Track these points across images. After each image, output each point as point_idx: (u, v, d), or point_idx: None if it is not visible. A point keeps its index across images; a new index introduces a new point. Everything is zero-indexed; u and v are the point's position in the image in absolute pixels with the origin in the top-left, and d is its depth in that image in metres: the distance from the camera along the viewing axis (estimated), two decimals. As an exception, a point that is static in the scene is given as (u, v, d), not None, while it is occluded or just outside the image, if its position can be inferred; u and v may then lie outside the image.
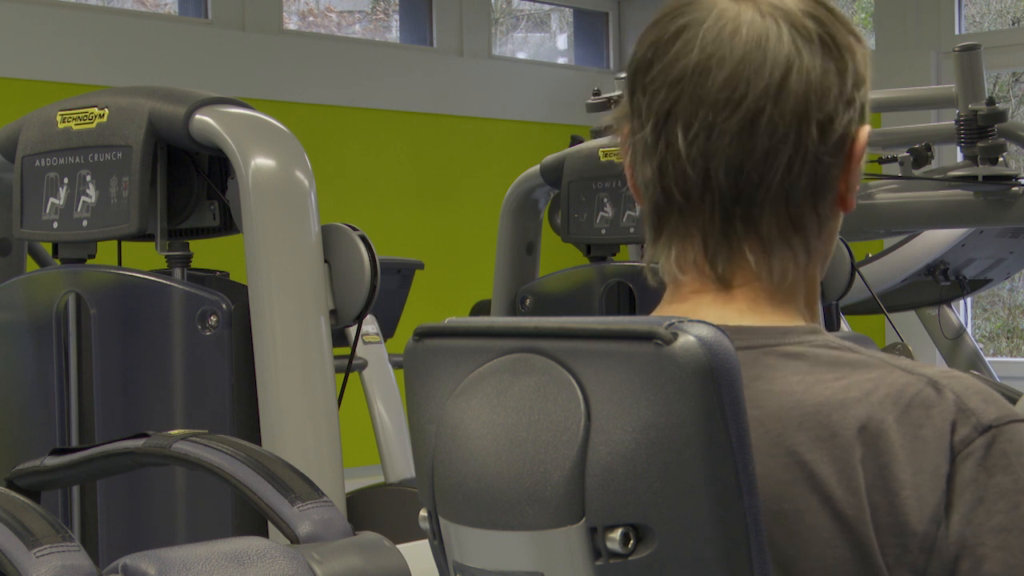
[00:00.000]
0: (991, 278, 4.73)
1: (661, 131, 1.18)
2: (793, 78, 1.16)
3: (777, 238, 1.19)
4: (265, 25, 6.88)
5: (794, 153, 1.17)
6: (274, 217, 2.51)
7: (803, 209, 1.19)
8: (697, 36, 1.17)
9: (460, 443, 1.16)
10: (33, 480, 1.73)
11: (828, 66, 1.18)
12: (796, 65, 1.16)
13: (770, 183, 1.17)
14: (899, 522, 1.08)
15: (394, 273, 4.65)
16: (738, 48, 1.16)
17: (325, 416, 2.51)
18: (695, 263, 1.21)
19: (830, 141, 1.18)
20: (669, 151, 1.18)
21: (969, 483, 1.08)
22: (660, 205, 1.21)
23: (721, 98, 1.16)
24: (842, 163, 1.20)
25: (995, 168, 3.41)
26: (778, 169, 1.17)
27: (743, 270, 1.20)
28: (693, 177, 1.18)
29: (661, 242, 1.23)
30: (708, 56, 1.16)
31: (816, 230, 1.21)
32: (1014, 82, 7.96)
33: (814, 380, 1.13)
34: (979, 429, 1.10)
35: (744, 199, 1.17)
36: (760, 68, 1.16)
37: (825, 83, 1.17)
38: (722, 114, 1.16)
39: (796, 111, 1.16)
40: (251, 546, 1.36)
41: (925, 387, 1.11)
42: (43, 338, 2.68)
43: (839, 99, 1.18)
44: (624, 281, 3.39)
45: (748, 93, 1.16)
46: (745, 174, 1.17)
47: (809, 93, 1.16)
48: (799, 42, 1.17)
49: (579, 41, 8.59)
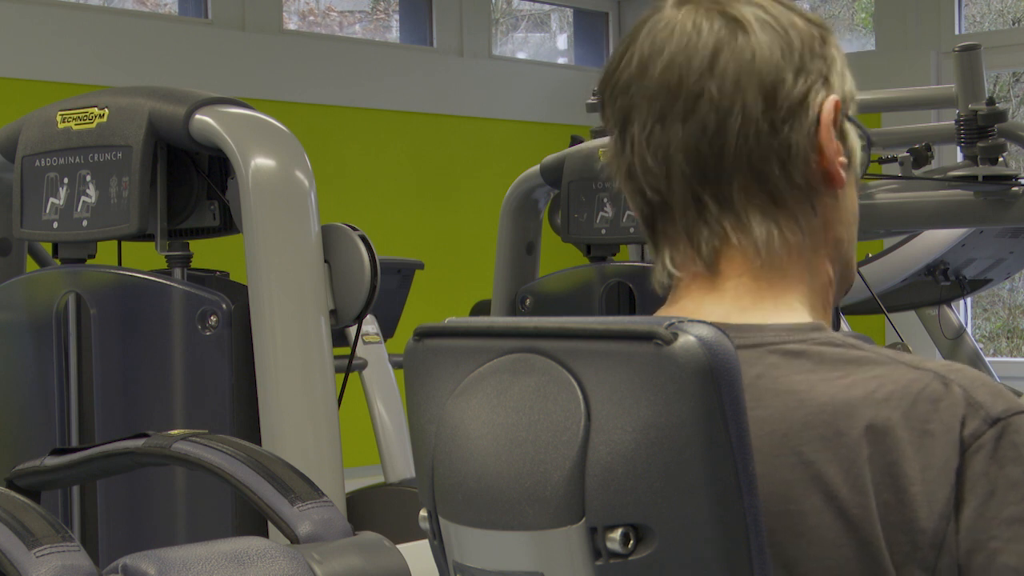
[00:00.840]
0: (991, 278, 4.72)
1: (624, 135, 1.23)
2: (725, 53, 1.20)
3: (754, 211, 1.20)
4: (265, 25, 6.88)
5: (743, 123, 1.19)
6: (274, 217, 2.51)
7: (773, 180, 1.20)
8: (639, 43, 1.23)
9: (460, 443, 1.16)
10: (33, 480, 1.73)
11: (764, 39, 1.20)
12: (728, 43, 1.20)
13: (727, 156, 1.19)
14: (908, 519, 1.08)
15: (394, 273, 4.65)
16: (672, 43, 1.21)
17: (325, 416, 2.51)
18: (686, 257, 1.23)
19: (780, 107, 1.19)
20: (633, 151, 1.22)
21: (980, 476, 1.08)
22: (644, 212, 1.24)
23: (663, 88, 1.20)
24: (807, 131, 1.20)
25: (995, 168, 3.40)
26: (731, 141, 1.19)
27: (728, 248, 1.21)
28: (655, 168, 1.21)
29: (658, 252, 1.25)
30: (647, 57, 1.22)
31: (804, 204, 1.21)
32: (1014, 82, 7.96)
33: (818, 379, 1.13)
34: (988, 422, 1.09)
35: (709, 177, 1.20)
36: (692, 53, 1.20)
37: (761, 53, 1.20)
38: (667, 102, 1.20)
39: (735, 82, 1.19)
40: (251, 546, 1.36)
41: (932, 381, 1.11)
42: (43, 338, 2.69)
43: (784, 65, 1.20)
44: (624, 281, 3.39)
45: (685, 76, 1.20)
46: (701, 153, 1.19)
47: (743, 63, 1.19)
48: (731, 26, 1.21)
49: (579, 41, 8.59)
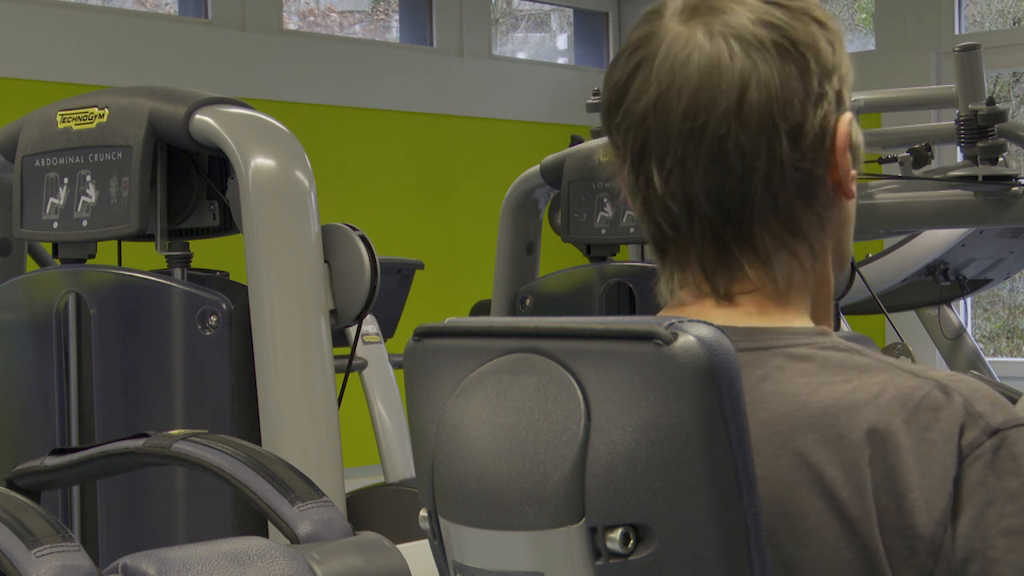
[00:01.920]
0: (991, 278, 4.72)
1: (639, 170, 1.19)
2: (751, 94, 1.15)
3: (775, 247, 1.19)
4: (265, 25, 6.88)
5: (769, 168, 1.16)
6: (274, 217, 2.51)
7: (796, 214, 1.19)
8: (652, 71, 1.17)
9: (460, 443, 1.16)
10: (33, 480, 1.73)
11: (787, 70, 1.16)
12: (753, 80, 1.15)
13: (752, 200, 1.17)
14: (906, 524, 1.08)
15: (394, 273, 4.65)
16: (692, 76, 1.16)
17: (325, 416, 2.51)
18: (696, 288, 1.21)
19: (805, 146, 1.17)
20: (649, 189, 1.19)
21: (978, 486, 1.08)
22: (656, 238, 1.22)
23: (685, 129, 1.16)
24: (825, 159, 1.19)
25: (995, 168, 3.41)
26: (757, 185, 1.16)
27: (744, 284, 1.20)
28: (676, 211, 1.18)
29: (664, 271, 1.23)
30: (665, 89, 1.16)
31: (818, 228, 1.21)
32: (1014, 82, 7.96)
33: (821, 382, 1.13)
34: (987, 432, 1.09)
35: (732, 220, 1.17)
36: (716, 92, 1.15)
37: (786, 91, 1.16)
38: (690, 145, 1.16)
39: (762, 126, 1.15)
40: (251, 546, 1.36)
41: (933, 390, 1.11)
42: (43, 338, 2.68)
43: (806, 102, 1.17)
44: (624, 281, 3.39)
45: (710, 120, 1.15)
46: (726, 196, 1.17)
47: (771, 105, 1.15)
48: (753, 55, 1.16)
49: (579, 41, 8.59)
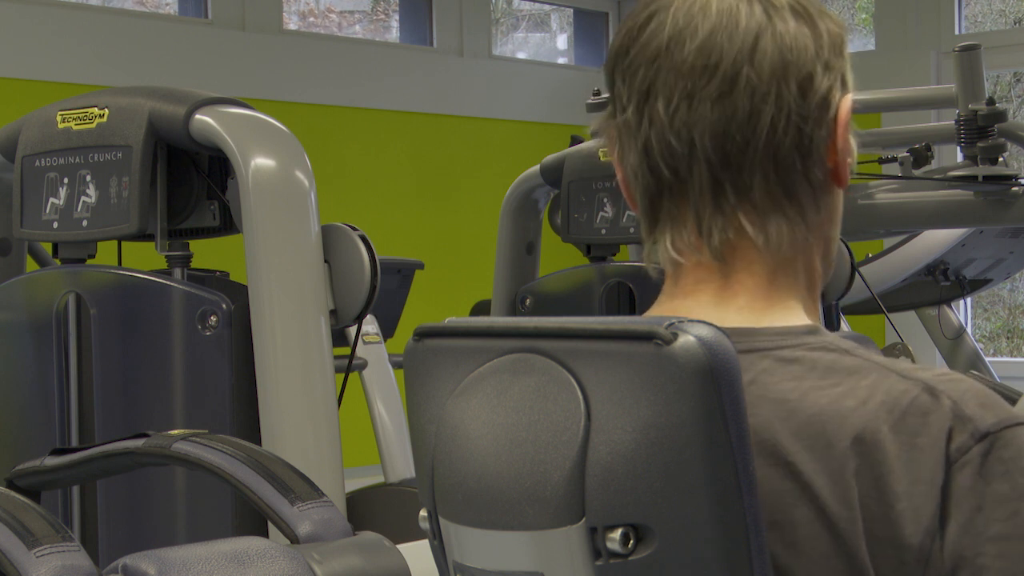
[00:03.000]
0: (991, 278, 4.72)
1: (643, 109, 1.19)
2: (766, 39, 1.17)
3: (770, 204, 1.18)
4: (265, 25, 6.88)
5: (776, 112, 1.17)
6: (274, 217, 2.51)
7: (792, 174, 1.18)
8: (668, 15, 1.19)
9: (460, 443, 1.16)
10: (33, 480, 1.73)
11: (801, 29, 1.19)
12: (768, 29, 1.17)
13: (756, 144, 1.17)
14: (894, 535, 1.07)
15: (394, 273, 4.65)
16: (709, 19, 1.18)
17: (325, 416, 2.51)
18: (691, 244, 1.20)
19: (812, 100, 1.18)
20: (652, 127, 1.18)
21: (967, 492, 1.07)
22: (651, 189, 1.20)
23: (698, 65, 1.17)
24: (827, 128, 1.19)
25: (995, 168, 3.41)
26: (762, 129, 1.16)
27: (740, 240, 1.19)
28: (679, 148, 1.17)
29: (657, 231, 1.22)
30: (680, 30, 1.18)
31: (811, 200, 1.20)
32: (1015, 82, 7.96)
33: (809, 387, 1.12)
34: (976, 436, 1.08)
35: (732, 164, 1.17)
36: (732, 33, 1.17)
37: (799, 43, 1.18)
38: (700, 81, 1.16)
39: (773, 69, 1.17)
40: (251, 546, 1.36)
41: (921, 393, 1.10)
42: (43, 338, 2.68)
43: (816, 59, 1.19)
44: (624, 281, 3.39)
45: (723, 57, 1.16)
46: (730, 138, 1.17)
47: (783, 51, 1.17)
48: (769, 11, 1.18)
49: (579, 41, 8.59)
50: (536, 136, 7.55)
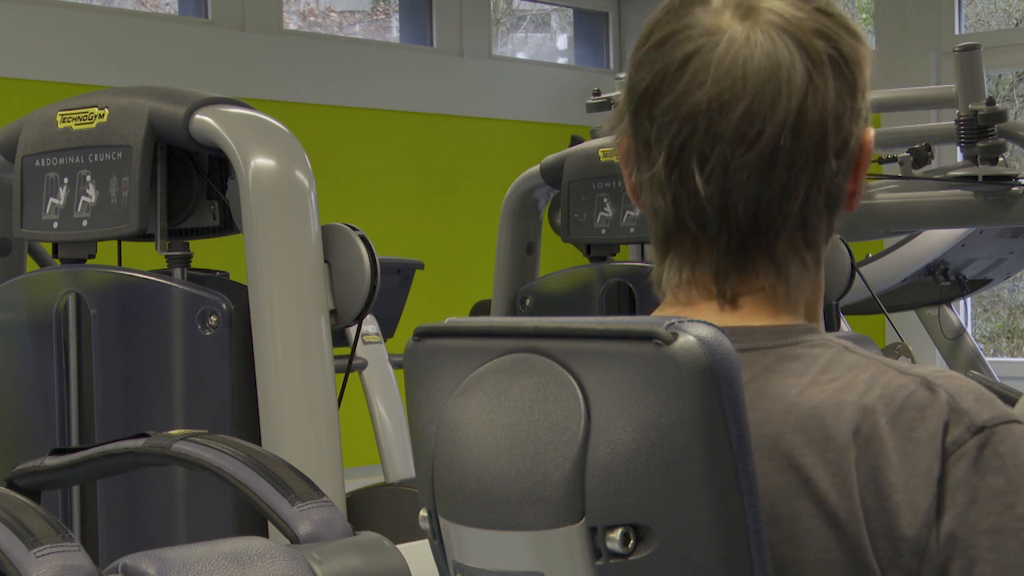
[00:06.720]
0: (991, 278, 4.73)
1: (675, 166, 1.16)
2: (809, 110, 1.14)
3: (790, 254, 1.19)
4: (265, 25, 6.88)
5: (812, 182, 1.16)
6: (274, 217, 2.51)
7: (818, 228, 1.19)
8: (709, 67, 1.14)
9: (460, 443, 1.16)
10: (33, 480, 1.73)
11: (841, 88, 1.16)
12: (811, 95, 1.14)
13: (788, 212, 1.16)
14: (891, 526, 1.08)
15: (394, 273, 4.64)
16: (752, 80, 1.14)
17: (325, 416, 2.51)
18: (704, 285, 1.20)
19: (844, 162, 1.18)
20: (684, 186, 1.16)
21: (961, 484, 1.08)
22: (671, 231, 1.19)
23: (738, 134, 1.14)
24: (851, 171, 1.20)
25: (995, 168, 3.41)
26: (797, 199, 1.16)
27: (752, 288, 1.19)
28: (710, 212, 1.16)
29: (668, 261, 1.21)
30: (722, 91, 1.14)
31: (826, 237, 1.21)
32: (1017, 82, 7.96)
33: (808, 382, 1.13)
34: (972, 430, 1.09)
35: (761, 231, 1.17)
36: (776, 101, 1.13)
37: (839, 107, 1.16)
38: (739, 150, 1.14)
39: (814, 141, 1.15)
40: (251, 546, 1.36)
41: (919, 388, 1.11)
42: (43, 338, 2.68)
43: (852, 120, 1.17)
44: (624, 281, 3.39)
45: (766, 128, 1.14)
46: (764, 207, 1.15)
47: (825, 121, 1.15)
48: (811, 68, 1.15)
49: (579, 41, 8.59)
50: (536, 136, 7.55)
